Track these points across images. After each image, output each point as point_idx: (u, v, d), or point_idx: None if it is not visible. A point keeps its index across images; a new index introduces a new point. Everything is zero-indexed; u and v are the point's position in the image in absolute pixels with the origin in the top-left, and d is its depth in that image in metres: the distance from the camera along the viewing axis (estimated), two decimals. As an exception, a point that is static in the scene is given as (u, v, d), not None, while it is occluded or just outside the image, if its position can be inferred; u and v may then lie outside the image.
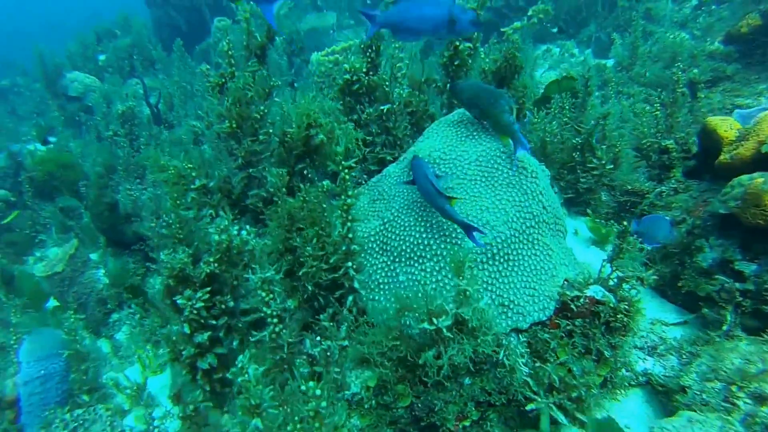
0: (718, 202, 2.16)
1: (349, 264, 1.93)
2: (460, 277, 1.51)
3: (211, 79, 2.17)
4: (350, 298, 2.07)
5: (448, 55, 2.73)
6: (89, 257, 4.63)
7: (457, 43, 2.64)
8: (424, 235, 2.12)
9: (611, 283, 2.06)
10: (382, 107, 2.52)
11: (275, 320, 1.94)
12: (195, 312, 2.07)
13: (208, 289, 2.04)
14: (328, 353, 1.81)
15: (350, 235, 1.87)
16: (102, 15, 10.64)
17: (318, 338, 1.94)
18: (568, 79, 3.41)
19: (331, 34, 7.17)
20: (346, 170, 1.70)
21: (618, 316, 1.91)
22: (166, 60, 7.51)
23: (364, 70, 2.47)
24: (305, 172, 2.58)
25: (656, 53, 4.89)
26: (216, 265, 2.05)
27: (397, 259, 2.19)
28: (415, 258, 2.14)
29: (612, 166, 2.73)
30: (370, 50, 2.48)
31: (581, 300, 2.01)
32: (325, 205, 1.89)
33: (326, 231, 1.97)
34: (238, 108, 2.04)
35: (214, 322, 2.11)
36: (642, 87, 4.48)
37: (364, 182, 2.84)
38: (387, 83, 2.56)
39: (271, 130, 2.15)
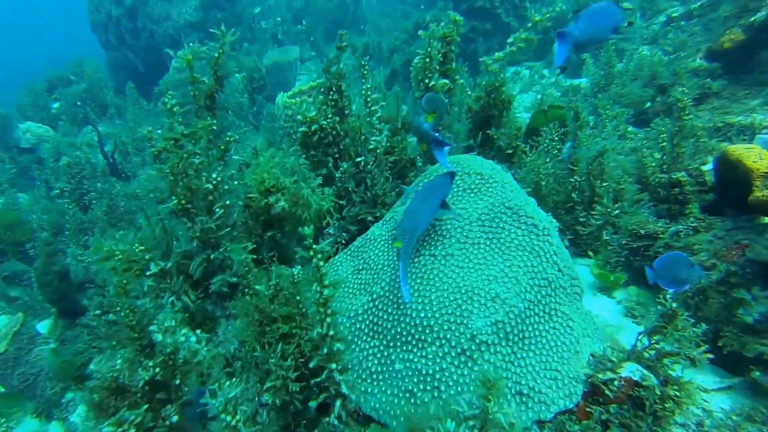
0: (765, 249, 1.86)
1: (333, 366, 1.52)
2: (490, 402, 1.12)
3: (156, 145, 1.75)
4: (338, 403, 1.65)
5: (420, 96, 2.39)
6: (37, 331, 4.04)
7: (428, 80, 2.29)
8: (422, 314, 1.74)
9: (647, 355, 1.71)
10: (358, 159, 2.15)
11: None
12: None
13: (145, 407, 1.60)
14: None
15: (332, 333, 1.46)
16: (66, 61, 10.10)
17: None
18: (555, 108, 3.14)
19: (298, 66, 6.86)
20: (319, 255, 1.31)
21: (667, 404, 1.55)
22: (122, 104, 7.03)
23: (329, 115, 2.10)
24: (277, 237, 2.18)
25: (633, 71, 4.74)
26: (158, 370, 1.61)
27: (391, 344, 1.79)
28: (413, 342, 1.75)
29: (618, 211, 2.43)
30: (331, 92, 2.11)
31: (616, 382, 1.65)
32: (299, 298, 1.49)
33: (302, 324, 1.56)
34: (184, 180, 1.63)
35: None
36: (624, 108, 4.27)
37: (343, 242, 2.45)
38: (357, 129, 2.20)
39: (228, 202, 1.73)
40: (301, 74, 7.86)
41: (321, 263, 1.33)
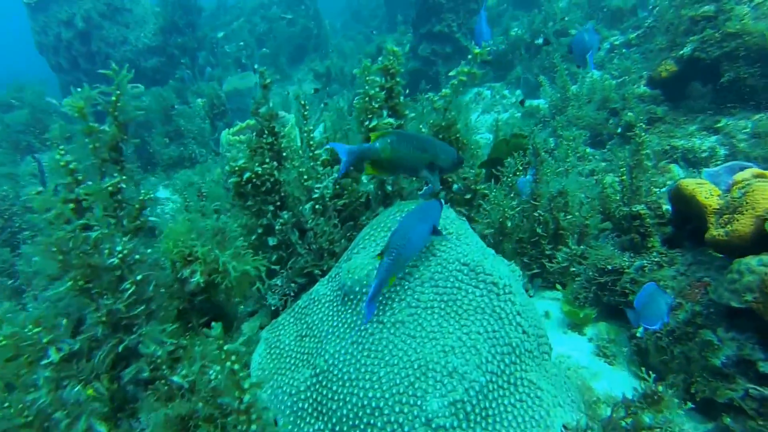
0: (726, 292, 1.69)
1: (263, 478, 1.21)
2: None
3: (52, 213, 1.39)
4: None
5: (364, 138, 2.12)
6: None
7: (368, 122, 2.01)
8: (370, 394, 1.46)
9: (624, 425, 1.49)
10: (302, 207, 1.86)
11: None
12: None
13: None
14: None
15: (258, 441, 1.16)
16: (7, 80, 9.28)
17: None
18: (518, 137, 2.96)
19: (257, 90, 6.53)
20: (233, 358, 1.01)
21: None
22: (74, 130, 6.46)
23: (266, 160, 1.81)
24: (211, 298, 1.85)
25: (587, 94, 4.71)
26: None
27: (337, 428, 1.49)
28: (362, 427, 1.45)
29: (581, 254, 2.25)
30: (264, 135, 1.82)
31: (592, 462, 1.42)
32: (220, 401, 1.18)
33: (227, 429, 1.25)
34: (80, 256, 1.29)
35: None
36: (581, 130, 4.20)
37: (292, 294, 2.14)
38: (298, 175, 1.92)
39: (139, 277, 1.39)
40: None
41: (236, 366, 1.03)
